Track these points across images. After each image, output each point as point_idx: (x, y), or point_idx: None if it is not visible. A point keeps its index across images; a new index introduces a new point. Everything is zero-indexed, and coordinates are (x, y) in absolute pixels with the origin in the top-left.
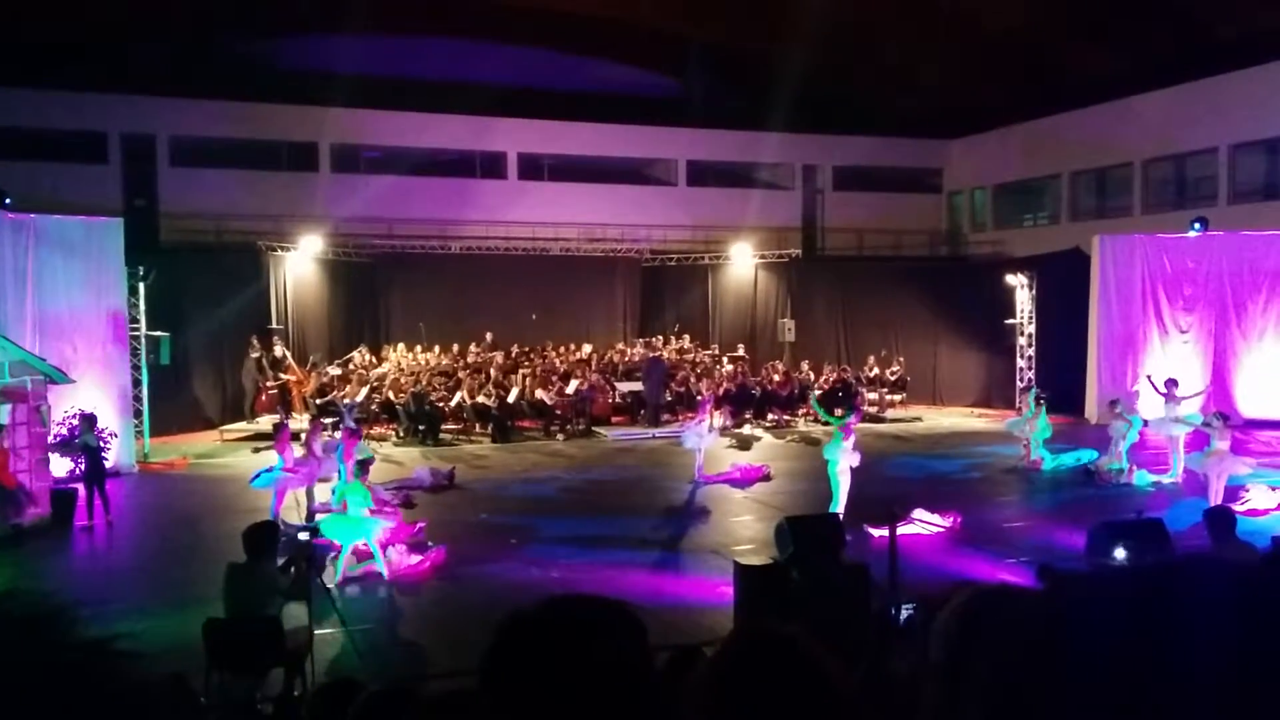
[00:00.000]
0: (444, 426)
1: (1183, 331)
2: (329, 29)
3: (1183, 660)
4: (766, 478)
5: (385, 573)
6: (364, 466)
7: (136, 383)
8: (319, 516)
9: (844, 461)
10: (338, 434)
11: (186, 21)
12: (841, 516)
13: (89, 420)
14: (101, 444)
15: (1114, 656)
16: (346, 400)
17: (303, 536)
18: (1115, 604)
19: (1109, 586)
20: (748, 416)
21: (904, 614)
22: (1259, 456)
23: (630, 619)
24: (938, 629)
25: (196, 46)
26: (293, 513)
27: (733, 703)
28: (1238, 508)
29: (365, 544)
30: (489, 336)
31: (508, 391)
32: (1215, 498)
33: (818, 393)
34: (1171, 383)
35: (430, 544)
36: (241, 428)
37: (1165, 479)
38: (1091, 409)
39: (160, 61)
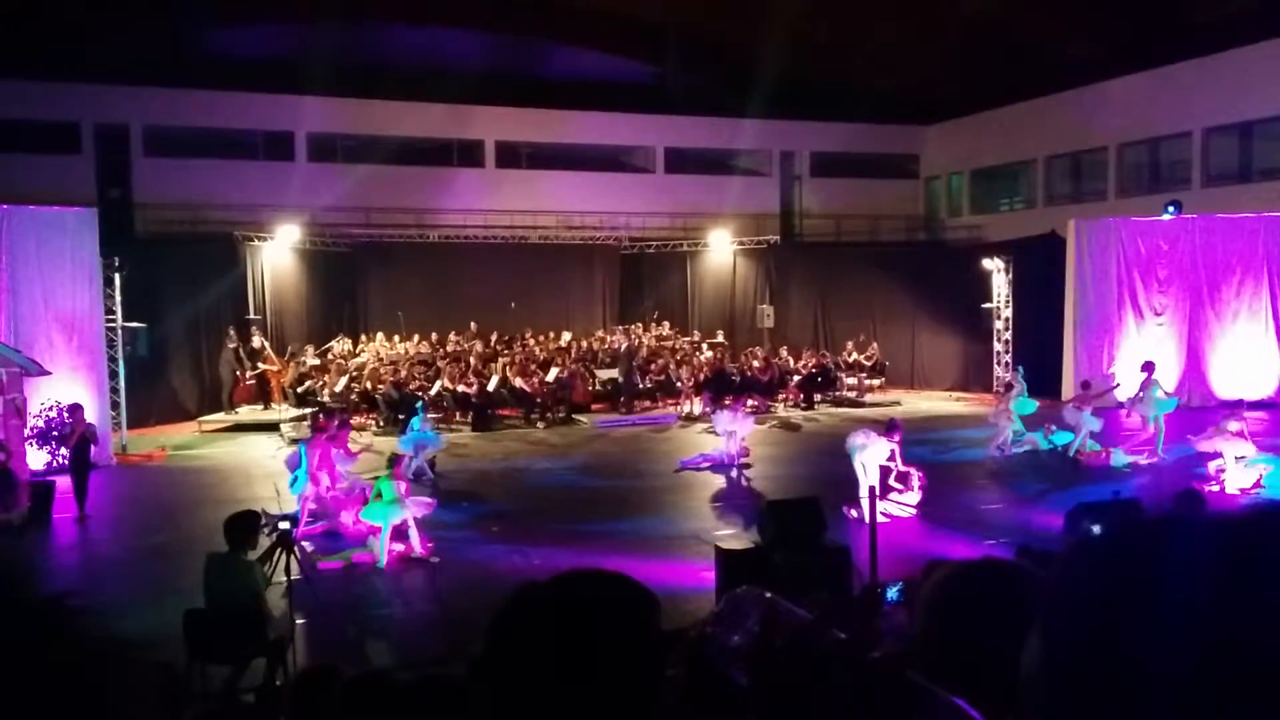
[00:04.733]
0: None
1: (1157, 314)
2: (305, 16)
3: (1166, 621)
4: (745, 453)
5: (383, 560)
6: (395, 460)
7: (113, 374)
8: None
9: None
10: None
11: (160, 9)
12: None
13: (76, 410)
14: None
15: (1097, 620)
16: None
17: (283, 526)
18: (1096, 569)
19: (1088, 553)
20: (727, 402)
21: (891, 593)
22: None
23: (642, 597)
24: (921, 603)
25: (170, 35)
26: (273, 503)
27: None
28: (1214, 487)
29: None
30: (473, 325)
31: (487, 380)
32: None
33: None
34: (1149, 365)
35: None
36: (220, 419)
37: (1142, 459)
38: (1068, 391)
39: (133, 50)
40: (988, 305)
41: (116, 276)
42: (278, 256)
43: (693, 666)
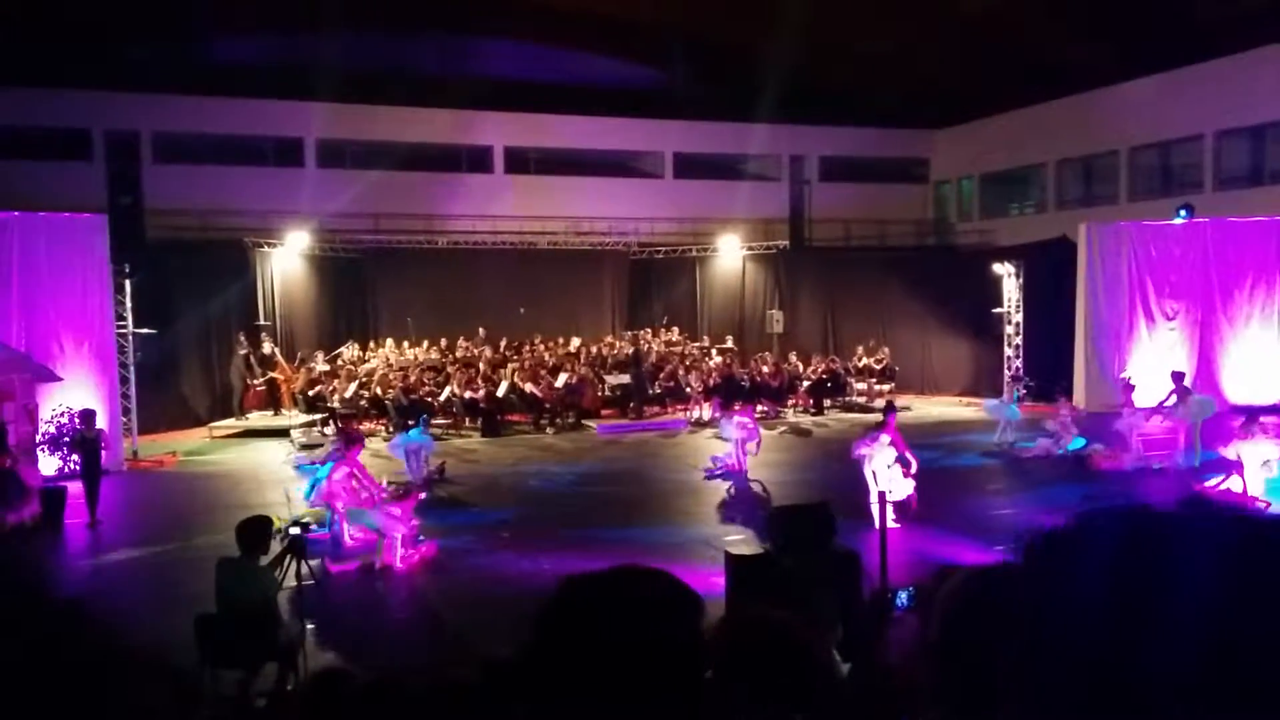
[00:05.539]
0: (433, 421)
1: (1169, 319)
2: (313, 24)
3: (1165, 624)
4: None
5: (379, 562)
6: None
7: (124, 380)
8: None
9: None
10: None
11: (170, 17)
12: None
13: (88, 417)
14: (102, 443)
15: (1097, 620)
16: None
17: (294, 531)
18: (1096, 568)
19: (1090, 553)
20: (736, 408)
21: (901, 599)
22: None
23: (689, 596)
24: (937, 608)
25: (180, 42)
26: (284, 508)
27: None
28: (1238, 485)
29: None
30: (482, 331)
31: (497, 385)
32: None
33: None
34: (1178, 375)
35: (422, 538)
36: (230, 424)
37: (1155, 463)
38: (1080, 396)
39: (144, 57)
40: (998, 310)
41: (127, 283)
42: (287, 263)
43: (717, 670)
